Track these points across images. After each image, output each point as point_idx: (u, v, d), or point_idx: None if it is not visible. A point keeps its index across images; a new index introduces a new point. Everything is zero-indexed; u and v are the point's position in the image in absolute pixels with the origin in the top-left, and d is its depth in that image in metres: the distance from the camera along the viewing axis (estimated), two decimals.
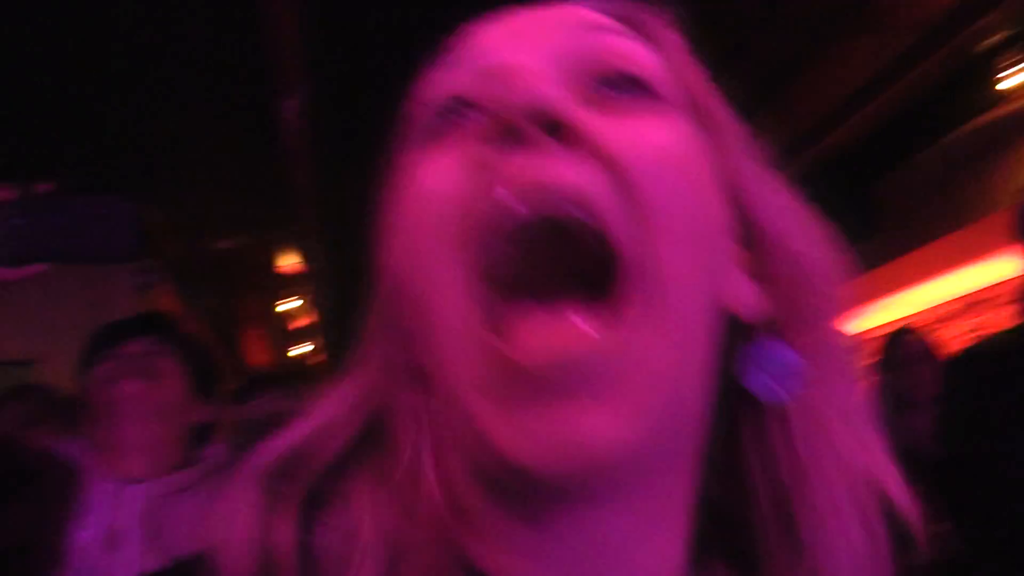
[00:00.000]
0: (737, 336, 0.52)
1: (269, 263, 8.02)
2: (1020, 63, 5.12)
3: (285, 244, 7.67)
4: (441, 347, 0.46)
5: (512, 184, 0.44)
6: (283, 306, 9.25)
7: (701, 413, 0.49)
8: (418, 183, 0.49)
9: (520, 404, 0.42)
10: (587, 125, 0.46)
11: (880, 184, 6.70)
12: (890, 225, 6.44)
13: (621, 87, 0.49)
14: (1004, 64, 5.18)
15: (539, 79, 0.46)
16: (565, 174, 0.44)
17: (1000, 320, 5.21)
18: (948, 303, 6.03)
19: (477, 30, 0.54)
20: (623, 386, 0.42)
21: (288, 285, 8.64)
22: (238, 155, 5.38)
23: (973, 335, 5.38)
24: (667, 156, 0.47)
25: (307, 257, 7.77)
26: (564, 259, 0.45)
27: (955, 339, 5.17)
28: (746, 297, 0.52)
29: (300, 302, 9.13)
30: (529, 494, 0.45)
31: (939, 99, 5.50)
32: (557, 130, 0.45)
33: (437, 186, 0.47)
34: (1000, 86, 5.31)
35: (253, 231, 7.07)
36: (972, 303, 5.83)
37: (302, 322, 9.74)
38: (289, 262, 8.02)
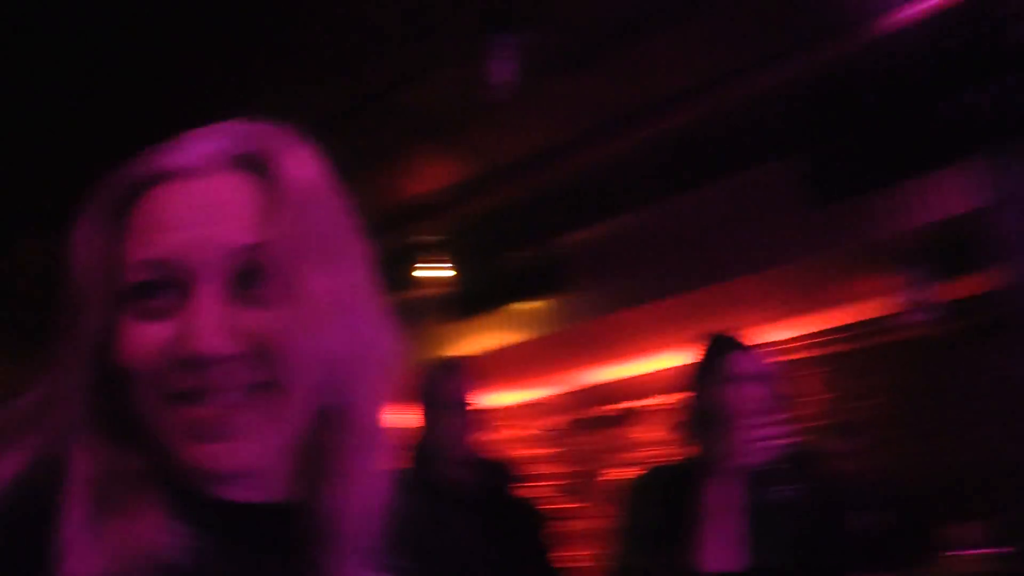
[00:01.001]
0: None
1: None
2: (430, 263, 6.72)
3: None
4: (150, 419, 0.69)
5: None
6: None
7: (297, 438, 0.73)
8: (127, 350, 0.68)
9: (199, 442, 0.68)
10: (234, 349, 0.67)
11: None
12: None
13: (251, 281, 0.69)
14: (421, 259, 6.69)
15: (213, 337, 0.66)
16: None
17: None
18: None
19: (157, 197, 0.71)
20: (255, 440, 0.69)
21: None
22: None
23: None
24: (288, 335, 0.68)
25: None
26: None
27: None
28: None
29: None
30: (206, 478, 0.71)
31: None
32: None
33: (145, 358, 0.68)
34: (416, 274, 6.79)
35: None
36: None
37: None
38: None
